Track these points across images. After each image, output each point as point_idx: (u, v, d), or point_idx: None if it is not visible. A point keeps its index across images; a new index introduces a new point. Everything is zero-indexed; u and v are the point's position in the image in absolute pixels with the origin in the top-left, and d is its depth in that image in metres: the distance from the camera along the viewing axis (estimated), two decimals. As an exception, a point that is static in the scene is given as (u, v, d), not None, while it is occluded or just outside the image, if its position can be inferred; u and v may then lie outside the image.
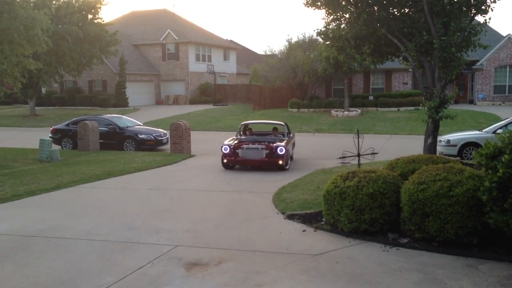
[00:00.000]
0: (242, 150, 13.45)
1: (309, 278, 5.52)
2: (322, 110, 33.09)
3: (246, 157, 13.40)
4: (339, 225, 7.12)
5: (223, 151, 13.56)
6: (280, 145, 13.29)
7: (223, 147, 13.60)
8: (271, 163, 13.34)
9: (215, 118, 31.82)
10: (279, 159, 13.19)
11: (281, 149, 13.19)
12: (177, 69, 45.27)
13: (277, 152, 13.19)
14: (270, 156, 13.26)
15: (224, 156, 13.62)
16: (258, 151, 13.36)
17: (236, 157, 13.47)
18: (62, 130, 20.60)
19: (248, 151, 13.42)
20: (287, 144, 13.69)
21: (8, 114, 36.83)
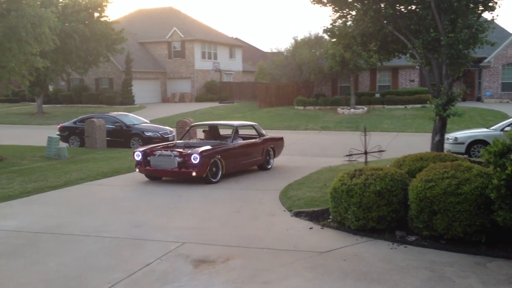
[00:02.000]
0: (153, 158, 11.38)
1: (316, 276, 5.53)
2: (328, 107, 33.06)
3: (157, 167, 11.33)
4: (346, 223, 7.12)
5: (135, 157, 11.60)
6: (195, 152, 10.88)
7: (135, 153, 11.64)
8: (182, 174, 11.14)
9: (221, 116, 31.86)
10: (192, 169, 10.85)
11: (195, 157, 10.78)
12: (183, 66, 45.35)
13: (191, 161, 10.84)
14: (182, 166, 11.03)
15: (136, 164, 11.70)
16: (170, 160, 11.17)
17: (147, 166, 11.48)
18: (69, 127, 20.72)
19: (160, 159, 11.31)
20: (212, 151, 11.31)
21: (15, 112, 37.04)
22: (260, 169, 13.12)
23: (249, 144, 12.89)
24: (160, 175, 11.61)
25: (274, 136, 14.72)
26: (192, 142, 12.83)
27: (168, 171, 11.27)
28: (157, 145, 12.45)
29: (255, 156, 12.89)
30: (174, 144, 12.61)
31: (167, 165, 11.18)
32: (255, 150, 12.91)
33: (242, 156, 12.40)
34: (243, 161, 12.45)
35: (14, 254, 6.49)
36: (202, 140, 13.07)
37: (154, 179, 11.72)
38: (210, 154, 11.19)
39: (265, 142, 13.34)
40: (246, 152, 12.61)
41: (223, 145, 12.00)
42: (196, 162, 10.81)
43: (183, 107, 37.61)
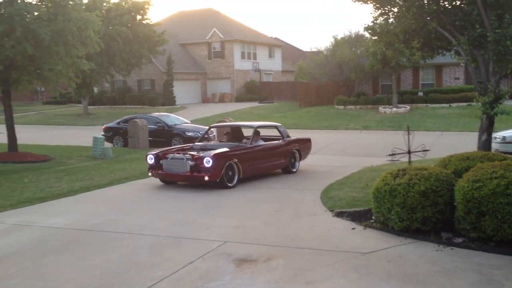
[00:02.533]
0: (166, 161, 10.90)
1: (360, 277, 5.45)
2: (369, 107, 32.58)
3: (169, 171, 10.85)
4: (390, 224, 6.99)
5: (148, 161, 11.23)
6: (208, 155, 10.35)
7: (148, 157, 11.22)
8: (195, 178, 10.57)
9: (261, 115, 31.92)
10: (205, 173, 10.29)
11: (207, 160, 10.21)
12: (222, 67, 45.71)
13: (203, 164, 10.25)
14: (194, 170, 10.48)
15: (149, 168, 11.31)
16: (182, 163, 10.62)
17: (160, 170, 11.02)
18: (113, 128, 21.27)
19: (172, 163, 10.81)
20: (227, 154, 10.77)
21: (63, 113, 38.32)
22: (284, 172, 12.54)
23: (270, 146, 12.26)
24: (172, 179, 11.13)
25: (300, 137, 13.92)
26: (210, 144, 12.17)
27: (180, 175, 10.76)
28: (172, 148, 12.08)
29: (278, 158, 12.21)
30: (191, 146, 12.09)
31: (179, 168, 10.65)
32: (277, 152, 12.22)
33: (262, 158, 11.72)
34: (263, 164, 11.78)
35: (63, 250, 6.71)
36: (222, 142, 12.62)
37: (169, 183, 11.31)
38: (225, 157, 10.60)
39: (289, 144, 12.64)
40: (266, 154, 11.93)
41: (240, 147, 11.46)
42: (209, 166, 10.21)
43: (223, 107, 37.91)
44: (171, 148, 12.06)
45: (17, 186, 11.39)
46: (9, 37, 14.98)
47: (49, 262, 6.23)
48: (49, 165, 15.08)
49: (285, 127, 13.74)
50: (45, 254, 6.53)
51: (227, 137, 12.91)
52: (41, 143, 21.66)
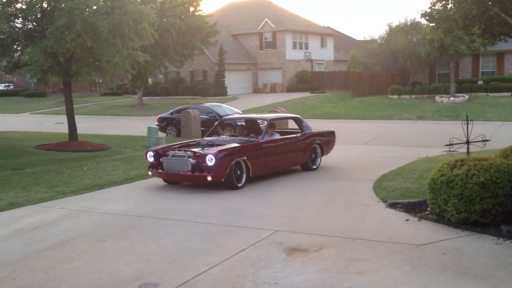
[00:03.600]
0: (166, 159, 9.91)
1: (414, 268, 5.32)
2: (425, 96, 31.59)
3: (169, 170, 9.82)
4: (446, 215, 6.77)
5: (148, 158, 10.26)
6: (210, 153, 9.29)
7: (148, 154, 10.29)
8: (196, 178, 9.61)
9: (313, 106, 31.67)
10: (207, 173, 9.28)
11: (209, 158, 9.19)
12: (274, 57, 45.63)
13: (205, 162, 9.25)
14: (196, 169, 9.47)
15: (149, 167, 10.36)
16: (183, 161, 9.58)
17: (160, 169, 10.02)
18: (167, 118, 21.77)
19: (173, 161, 9.78)
20: (233, 150, 9.69)
21: (119, 104, 39.56)
22: (303, 169, 11.50)
23: (285, 140, 11.06)
24: (173, 179, 10.08)
25: (323, 130, 12.74)
26: (218, 140, 10.90)
27: (181, 175, 9.68)
28: (175, 144, 10.94)
29: (295, 154, 11.13)
30: (197, 142, 11.01)
31: (180, 167, 9.63)
32: (294, 148, 11.10)
33: (275, 154, 10.64)
34: (277, 161, 10.73)
35: (120, 235, 6.95)
36: (232, 137, 11.44)
37: (172, 183, 10.32)
38: (231, 154, 9.53)
39: (307, 138, 11.50)
40: (281, 150, 10.80)
41: (250, 142, 10.34)
42: (212, 164, 9.16)
43: (274, 97, 37.89)
44: (175, 144, 10.90)
45: (77, 173, 11.89)
46: (69, 30, 15.59)
47: (107, 246, 6.48)
48: (107, 154, 15.64)
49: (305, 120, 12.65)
50: (103, 239, 6.79)
51: (240, 131, 11.79)
52: (98, 133, 22.50)
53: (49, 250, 6.40)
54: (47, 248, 6.46)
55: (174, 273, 5.43)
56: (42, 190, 9.99)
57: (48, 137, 20.63)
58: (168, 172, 9.88)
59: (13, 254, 6.26)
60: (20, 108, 40.07)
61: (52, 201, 9.13)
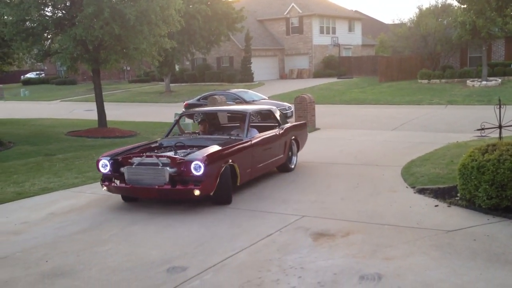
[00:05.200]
0: (130, 170, 7.34)
1: (443, 255, 5.25)
2: (455, 80, 30.84)
3: (136, 183, 7.31)
4: (476, 201, 6.64)
5: (100, 169, 7.68)
6: (197, 158, 7.04)
7: (100, 163, 7.65)
8: (178, 193, 7.22)
9: (340, 91, 31.34)
10: (194, 185, 7.06)
11: (196, 166, 6.97)
12: (300, 42, 45.22)
13: (190, 172, 7.00)
14: (177, 180, 7.15)
15: (103, 180, 7.78)
16: (157, 171, 7.15)
17: (121, 182, 7.50)
18: (193, 104, 21.87)
19: (141, 171, 7.28)
20: (217, 153, 7.41)
21: (146, 91, 39.98)
22: (280, 171, 9.80)
23: (268, 137, 9.10)
24: (141, 195, 7.60)
25: (296, 123, 11.10)
26: (186, 139, 8.64)
27: (153, 190, 7.17)
28: (133, 147, 8.35)
29: (276, 153, 9.32)
30: (159, 144, 8.57)
31: (152, 179, 7.17)
32: (276, 146, 9.28)
33: (261, 156, 8.69)
34: (261, 164, 8.75)
35: (149, 219, 7.05)
36: (199, 135, 9.21)
37: (134, 200, 7.96)
38: (219, 159, 7.37)
39: (286, 133, 9.78)
40: (265, 149, 8.89)
41: (233, 142, 8.15)
42: (200, 174, 6.96)
43: (301, 83, 37.64)
44: (132, 147, 8.39)
45: (107, 159, 12.09)
46: (98, 18, 15.79)
47: (137, 230, 6.60)
48: (135, 140, 15.84)
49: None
50: (132, 222, 6.92)
51: (202, 126, 9.42)
52: (127, 119, 22.81)
53: (80, 233, 6.56)
54: (78, 232, 6.63)
55: (201, 256, 5.50)
56: (73, 176, 10.22)
57: (79, 123, 21.06)
58: (134, 186, 7.25)
59: (45, 238, 6.45)
60: (51, 96, 40.93)
61: (82, 186, 9.35)
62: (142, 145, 8.50)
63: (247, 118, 8.83)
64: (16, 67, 23.73)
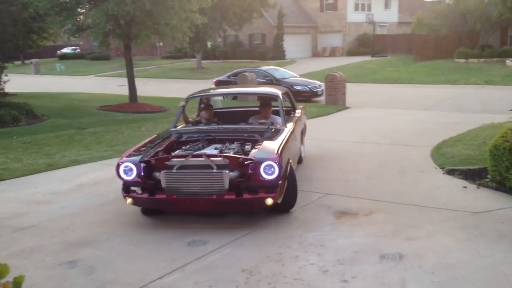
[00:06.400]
0: (169, 175, 5.53)
1: (468, 236, 5.12)
2: (494, 60, 29.81)
3: (181, 192, 5.52)
4: (507, 183, 6.42)
5: (123, 175, 5.74)
6: (269, 157, 5.45)
7: (122, 166, 5.73)
8: (245, 204, 5.59)
9: (372, 70, 30.75)
10: (267, 192, 5.44)
11: (269, 167, 5.37)
12: (334, 20, 44.43)
13: (261, 175, 5.39)
14: (242, 187, 5.48)
15: (126, 189, 5.81)
16: (210, 177, 5.46)
17: (157, 192, 5.62)
18: (224, 81, 21.90)
19: (185, 178, 5.52)
20: (283, 149, 5.85)
21: (178, 68, 40.18)
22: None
23: (297, 125, 7.63)
24: (189, 209, 5.76)
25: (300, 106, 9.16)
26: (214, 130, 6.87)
27: (210, 202, 5.47)
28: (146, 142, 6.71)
29: (299, 144, 7.96)
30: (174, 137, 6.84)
31: (206, 187, 5.46)
32: (298, 135, 7.79)
33: (293, 148, 6.99)
34: (294, 157, 6.97)
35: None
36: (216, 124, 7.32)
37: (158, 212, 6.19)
38: (286, 155, 5.92)
39: (301, 119, 8.50)
40: (295, 139, 7.26)
41: (279, 132, 6.59)
42: (274, 177, 5.37)
43: (334, 61, 37.10)
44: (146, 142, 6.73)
45: (136, 134, 12.27)
46: (129, -7, 15.83)
47: (160, 203, 6.66)
48: (164, 115, 16.01)
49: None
50: (156, 196, 6.99)
51: (208, 113, 7.60)
52: (158, 95, 23.02)
53: (106, 205, 6.69)
54: (105, 203, 6.76)
55: (222, 231, 5.52)
56: (103, 149, 10.41)
57: (111, 98, 21.39)
58: (180, 197, 5.51)
59: (73, 208, 6.60)
60: (86, 71, 41.66)
61: (111, 159, 9.49)
62: (152, 140, 6.79)
63: (280, 101, 7.32)
64: (51, 42, 24.11)
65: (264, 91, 8.54)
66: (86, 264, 4.84)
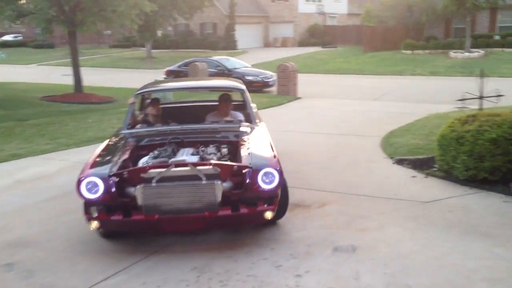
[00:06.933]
0: (148, 189, 4.49)
1: (418, 226, 5.16)
2: (439, 51, 30.72)
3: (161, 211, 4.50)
4: (454, 173, 6.55)
5: (85, 193, 4.60)
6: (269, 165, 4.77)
7: (84, 182, 4.58)
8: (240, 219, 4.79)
9: (323, 60, 31.04)
10: (267, 204, 4.70)
11: (268, 175, 4.68)
12: (285, 10, 44.51)
13: (259, 185, 4.64)
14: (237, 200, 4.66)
15: (89, 211, 4.66)
16: (199, 190, 4.52)
17: (133, 213, 4.56)
18: (174, 71, 21.45)
19: (168, 192, 4.50)
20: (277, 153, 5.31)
21: (127, 57, 39.09)
22: None
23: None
24: (177, 229, 4.89)
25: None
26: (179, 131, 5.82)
27: (201, 220, 4.60)
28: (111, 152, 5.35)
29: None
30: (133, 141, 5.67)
31: (193, 202, 4.54)
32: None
33: None
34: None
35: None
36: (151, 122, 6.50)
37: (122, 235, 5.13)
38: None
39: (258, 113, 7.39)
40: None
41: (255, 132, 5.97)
42: (273, 187, 4.69)
43: (285, 51, 37.18)
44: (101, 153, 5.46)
45: (81, 125, 11.77)
46: (73, -22, 15.14)
47: (106, 199, 6.37)
48: (112, 107, 15.49)
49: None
50: (102, 191, 6.68)
51: (156, 109, 6.72)
52: (106, 85, 22.27)
53: (48, 202, 6.34)
54: (46, 200, 6.40)
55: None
56: (45, 142, 9.91)
57: (55, 88, 20.49)
58: (164, 216, 4.51)
59: (10, 206, 6.21)
60: (28, 59, 39.80)
61: (54, 153, 9.06)
62: (113, 148, 5.52)
63: (246, 96, 6.57)
64: (-10, 29, 22.83)
65: (226, 85, 7.37)
66: (24, 266, 4.53)
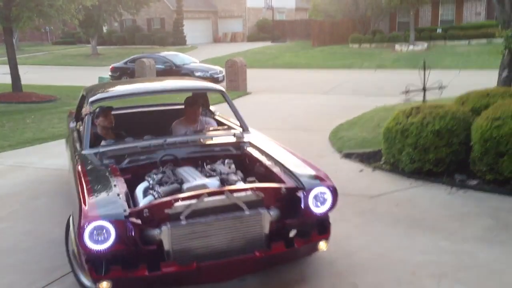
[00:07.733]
0: (178, 231, 3.31)
1: (365, 221, 5.11)
2: (385, 45, 31.38)
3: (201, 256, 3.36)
4: (400, 165, 6.58)
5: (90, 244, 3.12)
6: (320, 184, 3.86)
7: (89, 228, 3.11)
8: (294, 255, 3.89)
9: (273, 55, 31.05)
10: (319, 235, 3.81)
11: (318, 196, 3.77)
12: (234, 5, 44.27)
13: (312, 210, 3.72)
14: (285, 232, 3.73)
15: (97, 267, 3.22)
16: (243, 223, 3.46)
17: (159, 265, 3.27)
18: (120, 68, 20.79)
19: (204, 231, 3.37)
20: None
21: (71, 54, 37.73)
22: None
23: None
24: (217, 280, 3.56)
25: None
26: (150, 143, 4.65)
27: (247, 261, 3.50)
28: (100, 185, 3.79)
29: None
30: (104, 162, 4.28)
31: (238, 240, 3.49)
32: None
33: None
34: None
35: (56, 192, 6.45)
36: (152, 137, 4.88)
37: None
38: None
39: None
40: None
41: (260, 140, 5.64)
42: (327, 209, 3.86)
43: (235, 47, 36.96)
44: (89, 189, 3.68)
45: (19, 126, 11.15)
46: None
47: (40, 205, 5.99)
48: (54, 106, 14.80)
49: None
50: (37, 196, 6.29)
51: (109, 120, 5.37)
52: (48, 83, 21.33)
53: (-24, 210, 5.87)
54: (-26, 208, 5.93)
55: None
56: (-23, 145, 9.29)
57: (-8, 88, 19.38)
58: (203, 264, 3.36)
59: None
60: (-36, 58, 37.68)
61: (-14, 157, 8.49)
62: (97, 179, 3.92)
63: (228, 97, 5.62)
64: None
65: (202, 86, 5.99)
66: None
